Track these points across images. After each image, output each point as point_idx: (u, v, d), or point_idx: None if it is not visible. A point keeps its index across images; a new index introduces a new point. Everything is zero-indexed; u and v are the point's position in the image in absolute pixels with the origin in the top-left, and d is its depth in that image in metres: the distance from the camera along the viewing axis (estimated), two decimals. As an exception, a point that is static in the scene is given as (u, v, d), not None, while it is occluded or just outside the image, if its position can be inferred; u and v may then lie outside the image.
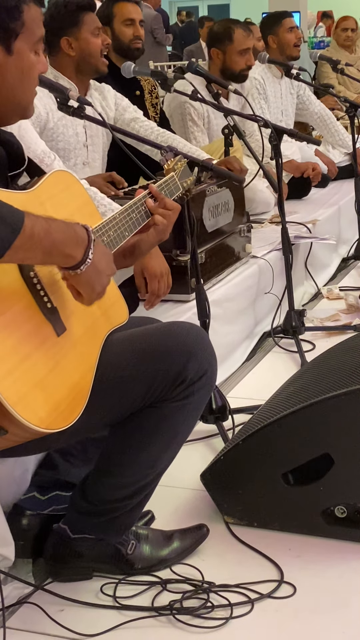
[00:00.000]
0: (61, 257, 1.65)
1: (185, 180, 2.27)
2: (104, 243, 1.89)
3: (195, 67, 3.64)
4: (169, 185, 2.18)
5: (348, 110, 4.62)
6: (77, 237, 1.67)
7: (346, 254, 5.01)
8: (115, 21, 4.07)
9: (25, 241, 1.56)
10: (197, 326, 2.16)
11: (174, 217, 2.09)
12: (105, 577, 2.12)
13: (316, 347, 3.66)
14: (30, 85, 1.90)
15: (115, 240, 1.93)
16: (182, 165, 2.29)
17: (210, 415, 2.78)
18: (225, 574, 2.13)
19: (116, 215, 1.96)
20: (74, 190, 1.98)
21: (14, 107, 1.89)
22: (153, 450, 2.01)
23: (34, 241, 1.58)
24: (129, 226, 1.98)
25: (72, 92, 2.60)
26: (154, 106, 4.27)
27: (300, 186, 5.19)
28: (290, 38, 5.26)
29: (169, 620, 1.99)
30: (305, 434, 2.24)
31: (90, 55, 3.41)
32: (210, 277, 3.44)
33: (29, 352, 1.66)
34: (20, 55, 1.84)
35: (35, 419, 1.62)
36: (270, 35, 5.28)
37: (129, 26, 4.07)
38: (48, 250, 1.61)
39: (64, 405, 1.72)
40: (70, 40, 3.38)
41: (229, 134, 3.98)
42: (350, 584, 2.11)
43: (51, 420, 1.67)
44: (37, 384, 1.66)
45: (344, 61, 5.50)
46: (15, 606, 2.03)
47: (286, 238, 3.61)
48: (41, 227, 1.59)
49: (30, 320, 1.69)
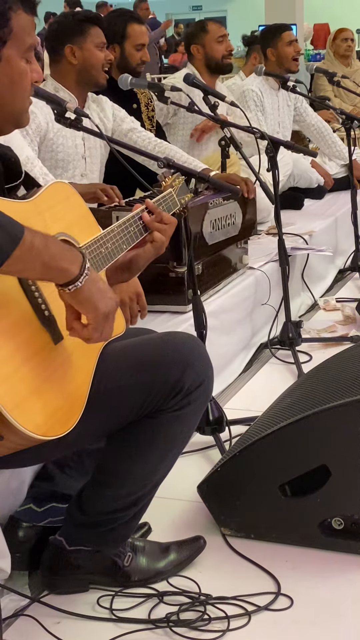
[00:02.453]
0: (58, 271, 1.65)
1: (183, 197, 2.27)
2: (102, 255, 1.90)
3: (192, 79, 3.66)
4: (167, 201, 2.18)
5: (344, 123, 4.63)
6: (72, 253, 1.67)
7: (343, 266, 5.01)
8: (127, 43, 4.15)
9: (24, 252, 1.55)
10: (193, 336, 2.16)
11: (170, 231, 2.09)
12: (102, 590, 2.11)
13: (313, 358, 3.65)
14: (22, 94, 1.88)
15: (113, 253, 1.93)
16: (180, 182, 2.29)
17: (207, 426, 2.77)
18: (222, 586, 2.13)
19: (114, 227, 1.96)
20: (73, 202, 1.98)
21: (6, 116, 1.89)
22: (150, 461, 2.01)
23: (33, 253, 1.58)
24: (127, 239, 1.99)
25: (69, 104, 2.61)
26: (150, 119, 4.29)
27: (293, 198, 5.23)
28: (289, 51, 5.28)
29: (166, 632, 1.98)
30: (302, 446, 2.24)
31: (92, 67, 3.43)
32: (207, 288, 3.45)
33: (25, 359, 1.66)
34: (9, 62, 1.83)
35: (31, 426, 1.62)
36: (269, 48, 5.30)
37: (139, 50, 4.17)
38: (47, 262, 1.61)
39: (60, 413, 1.71)
40: (74, 48, 3.41)
41: (226, 146, 3.99)
42: (348, 596, 2.10)
43: (48, 427, 1.67)
44: (33, 391, 1.66)
45: (340, 74, 5.52)
46: (11, 618, 2.02)
47: (283, 249, 3.61)
48: (40, 240, 1.59)
49: (27, 328, 1.69)
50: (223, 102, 3.68)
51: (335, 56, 7.42)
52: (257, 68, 4.79)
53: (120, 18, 4.19)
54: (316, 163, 5.57)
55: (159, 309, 3.25)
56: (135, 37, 4.15)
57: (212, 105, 3.69)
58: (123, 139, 3.60)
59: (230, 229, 3.57)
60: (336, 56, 7.41)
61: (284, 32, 5.31)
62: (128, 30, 4.14)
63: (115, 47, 4.12)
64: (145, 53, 4.20)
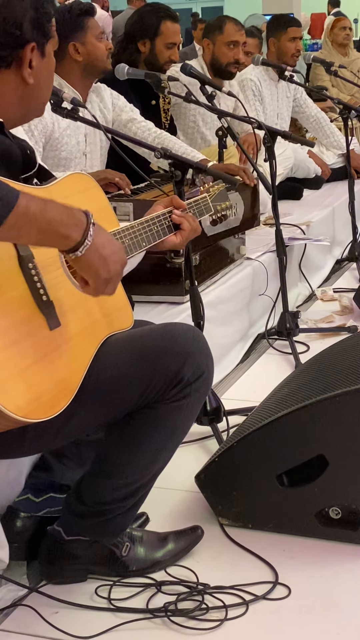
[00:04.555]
0: (57, 238, 1.63)
1: (220, 203, 2.27)
2: None
3: (189, 69, 3.65)
4: (199, 205, 2.19)
5: (342, 113, 4.62)
6: (74, 218, 1.65)
7: (340, 256, 5.01)
8: (159, 40, 4.12)
9: (19, 218, 1.53)
10: (194, 327, 2.17)
11: (191, 236, 2.12)
12: (100, 579, 2.12)
13: (310, 348, 3.66)
14: (52, 85, 1.97)
15: (130, 248, 1.93)
16: (218, 189, 2.29)
17: (205, 416, 2.78)
18: (220, 575, 2.13)
19: (135, 224, 1.97)
20: (92, 194, 1.97)
21: (38, 106, 1.94)
22: (149, 451, 2.01)
23: (29, 219, 1.55)
24: (147, 237, 1.99)
25: (65, 94, 2.60)
26: (165, 112, 4.28)
27: (293, 189, 5.22)
28: (290, 47, 5.26)
29: (164, 622, 1.99)
30: (299, 436, 2.25)
31: (97, 59, 3.43)
32: (204, 279, 3.45)
33: (16, 340, 1.66)
34: (49, 57, 1.90)
35: (11, 406, 1.62)
36: (272, 38, 5.29)
37: (170, 49, 4.13)
38: (43, 229, 1.59)
39: (46, 397, 1.70)
40: (77, 45, 3.40)
41: (223, 136, 3.98)
42: (345, 585, 2.11)
43: (30, 409, 1.66)
44: (19, 372, 1.65)
45: (337, 63, 5.51)
46: (9, 608, 2.03)
47: (280, 240, 3.61)
48: (37, 205, 1.57)
49: (22, 309, 1.69)
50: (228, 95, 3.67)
51: (333, 45, 7.41)
52: (255, 58, 4.78)
53: (155, 14, 4.14)
54: (313, 153, 5.56)
55: (157, 300, 3.26)
56: (167, 35, 4.12)
57: (209, 95, 3.68)
58: (122, 129, 3.59)
59: (232, 220, 3.57)
60: (334, 45, 7.40)
61: (290, 27, 5.29)
62: (161, 27, 4.10)
63: (146, 42, 4.09)
64: (175, 52, 4.15)
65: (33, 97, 1.89)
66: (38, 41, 1.84)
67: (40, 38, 1.84)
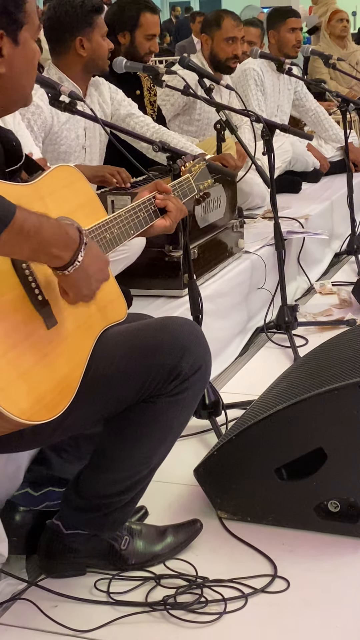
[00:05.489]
0: (48, 257, 1.65)
1: (202, 182, 2.25)
2: (106, 239, 1.89)
3: (187, 62, 3.64)
4: (183, 187, 2.17)
5: (340, 105, 4.62)
6: (67, 238, 1.66)
7: (339, 249, 5.01)
8: (139, 32, 4.09)
9: (13, 236, 1.54)
10: (191, 321, 2.17)
11: (179, 216, 2.11)
12: (99, 573, 2.12)
13: (309, 342, 3.66)
14: (34, 73, 1.94)
15: (119, 237, 1.92)
16: (199, 168, 2.27)
17: (204, 410, 2.78)
18: (219, 569, 2.13)
19: (122, 212, 1.96)
20: (79, 187, 1.96)
21: (20, 96, 1.92)
22: (147, 445, 2.01)
23: (22, 237, 1.57)
24: (135, 224, 1.98)
25: (63, 88, 2.60)
26: (152, 104, 4.26)
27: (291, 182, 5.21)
28: (290, 38, 5.25)
29: (163, 615, 1.99)
30: (298, 429, 2.25)
31: (99, 58, 3.43)
32: (202, 272, 3.44)
33: (15, 343, 1.66)
34: (25, 45, 1.86)
35: (15, 410, 1.62)
36: (271, 30, 5.28)
37: (150, 40, 4.11)
38: (35, 248, 1.61)
39: (48, 398, 1.71)
40: (83, 40, 3.39)
41: (221, 129, 3.97)
42: (344, 578, 2.11)
43: (34, 412, 1.66)
44: (21, 375, 1.65)
45: (335, 56, 5.50)
46: (8, 602, 2.03)
47: (279, 233, 3.61)
48: (32, 223, 1.58)
49: (19, 311, 1.69)
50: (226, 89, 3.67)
51: (330, 37, 7.40)
52: (253, 50, 4.76)
53: (134, 5, 4.11)
54: (312, 146, 5.55)
55: (155, 293, 3.26)
56: (147, 26, 4.09)
57: (207, 89, 3.68)
58: (121, 124, 3.59)
59: (218, 211, 3.57)
60: (332, 37, 7.39)
61: (289, 18, 5.28)
62: (141, 19, 4.08)
63: (126, 34, 4.08)
64: (154, 43, 4.14)
65: (10, 87, 1.86)
66: (7, 29, 1.81)
67: (9, 25, 1.81)
